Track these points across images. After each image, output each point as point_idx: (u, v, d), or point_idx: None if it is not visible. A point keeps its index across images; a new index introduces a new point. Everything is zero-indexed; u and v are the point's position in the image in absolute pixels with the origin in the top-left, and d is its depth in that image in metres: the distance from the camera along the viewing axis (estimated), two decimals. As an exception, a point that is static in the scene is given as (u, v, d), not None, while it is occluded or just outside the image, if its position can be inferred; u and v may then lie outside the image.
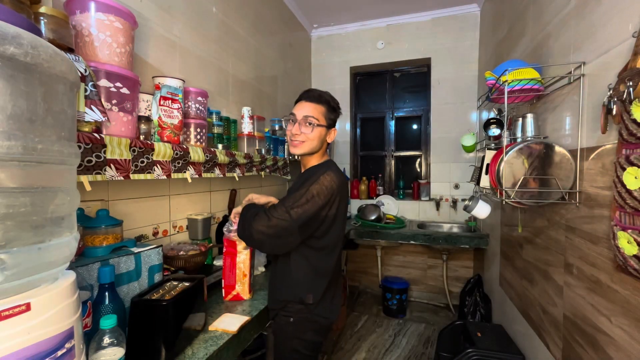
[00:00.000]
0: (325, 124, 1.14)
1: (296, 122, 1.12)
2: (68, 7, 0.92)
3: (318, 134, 1.12)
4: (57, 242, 0.52)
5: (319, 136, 1.13)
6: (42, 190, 0.49)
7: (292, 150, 1.15)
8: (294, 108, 1.16)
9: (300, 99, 1.16)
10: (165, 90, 1.14)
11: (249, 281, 1.26)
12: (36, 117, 0.48)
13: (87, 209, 1.06)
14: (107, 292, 0.81)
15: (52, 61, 0.49)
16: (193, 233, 1.53)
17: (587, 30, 1.15)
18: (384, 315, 2.88)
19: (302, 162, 1.22)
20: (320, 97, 1.14)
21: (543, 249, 1.49)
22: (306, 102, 1.13)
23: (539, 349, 1.53)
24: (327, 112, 1.14)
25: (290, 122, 1.15)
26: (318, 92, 1.15)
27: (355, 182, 3.34)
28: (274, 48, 2.52)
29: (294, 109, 1.15)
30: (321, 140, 1.14)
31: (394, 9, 2.90)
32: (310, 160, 1.18)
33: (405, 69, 3.30)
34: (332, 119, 1.17)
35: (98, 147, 0.85)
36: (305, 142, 1.12)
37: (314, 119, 1.11)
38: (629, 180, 0.83)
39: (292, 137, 1.13)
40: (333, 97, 1.19)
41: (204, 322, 1.02)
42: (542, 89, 1.41)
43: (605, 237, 1.02)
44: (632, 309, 0.90)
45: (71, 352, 0.53)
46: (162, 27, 1.41)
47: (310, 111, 1.11)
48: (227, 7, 1.89)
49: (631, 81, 0.84)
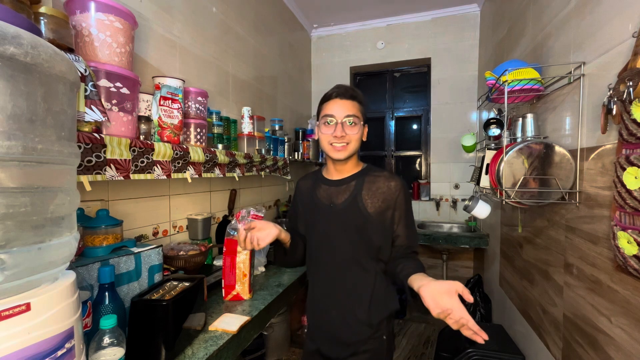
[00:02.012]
0: (364, 121, 1.05)
1: (337, 124, 1.01)
2: (68, 7, 0.92)
3: (360, 133, 1.04)
4: (57, 242, 0.52)
5: (360, 136, 1.04)
6: (42, 190, 0.49)
7: (335, 156, 1.03)
8: (326, 109, 1.04)
9: (332, 97, 1.04)
10: (165, 90, 1.14)
11: (249, 281, 1.26)
12: (36, 117, 0.48)
13: (87, 209, 1.06)
14: (107, 292, 0.81)
15: (52, 61, 0.49)
16: (193, 233, 1.53)
17: (587, 30, 1.15)
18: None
19: (337, 167, 1.08)
20: (354, 92, 1.04)
21: (543, 249, 1.49)
22: (342, 100, 1.02)
23: (539, 349, 1.53)
24: (362, 107, 1.05)
25: (326, 124, 1.03)
26: (350, 88, 1.05)
27: (355, 182, 3.33)
28: (274, 48, 2.52)
29: (328, 109, 1.03)
30: (361, 139, 1.06)
31: (394, 9, 2.90)
32: (350, 165, 1.08)
33: (405, 69, 3.30)
34: (365, 115, 1.08)
35: (98, 147, 0.85)
36: (350, 144, 1.02)
37: (357, 118, 1.01)
38: (629, 180, 0.83)
39: (333, 141, 1.02)
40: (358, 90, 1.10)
41: (204, 322, 1.02)
42: (542, 89, 1.41)
43: (605, 237, 1.01)
44: (632, 309, 0.90)
45: (71, 352, 0.53)
46: (162, 27, 1.41)
47: (350, 109, 1.01)
48: (227, 7, 1.89)
49: (631, 81, 0.84)
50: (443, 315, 0.76)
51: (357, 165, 1.11)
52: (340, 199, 1.06)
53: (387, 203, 1.03)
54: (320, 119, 1.05)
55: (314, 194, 1.12)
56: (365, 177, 1.07)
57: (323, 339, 1.09)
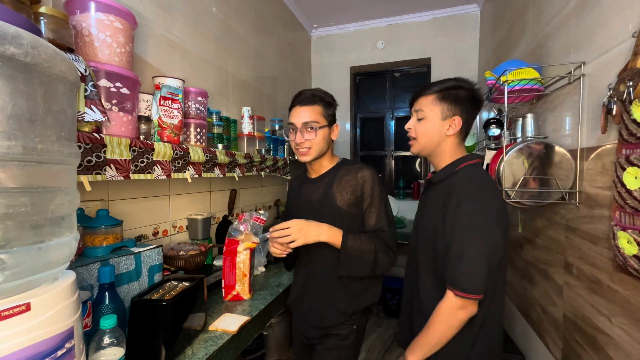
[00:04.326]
0: (326, 123, 1.11)
1: (297, 131, 1.09)
2: (68, 7, 0.92)
3: (322, 136, 1.09)
4: (57, 242, 0.52)
5: (323, 138, 1.10)
6: (42, 190, 0.49)
7: (301, 159, 1.12)
8: (290, 116, 1.12)
9: (293, 105, 1.12)
10: (165, 90, 1.14)
11: (249, 281, 1.26)
12: (36, 117, 0.48)
13: (87, 209, 1.06)
14: (107, 292, 0.81)
15: (52, 61, 0.49)
16: (193, 233, 1.53)
17: (587, 30, 1.15)
18: (384, 315, 2.88)
19: (312, 167, 1.18)
20: (313, 97, 1.10)
21: (543, 249, 1.49)
22: (300, 107, 1.09)
23: (539, 349, 1.53)
24: (324, 109, 1.10)
25: (291, 131, 1.11)
26: (309, 93, 1.11)
27: (355, 182, 3.33)
28: (274, 48, 2.52)
29: (291, 117, 1.12)
30: (327, 140, 1.12)
31: (394, 9, 2.90)
32: (322, 163, 1.15)
33: (405, 69, 3.30)
34: (331, 115, 1.13)
35: (98, 147, 0.85)
36: (312, 147, 1.09)
37: (314, 123, 1.08)
38: (629, 180, 0.83)
39: (297, 146, 1.10)
40: (326, 92, 1.14)
41: (204, 322, 1.02)
42: (542, 89, 1.41)
43: (605, 237, 1.01)
44: (632, 309, 0.90)
45: (71, 352, 0.53)
46: (162, 27, 1.41)
47: (307, 116, 1.08)
48: (227, 7, 1.89)
49: (631, 81, 0.84)
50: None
51: (331, 162, 1.17)
52: (316, 196, 1.14)
53: (355, 194, 1.08)
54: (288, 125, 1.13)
55: (300, 192, 1.20)
56: (337, 171, 1.13)
57: (301, 321, 1.19)
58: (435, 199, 0.98)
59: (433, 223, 0.96)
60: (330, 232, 1.03)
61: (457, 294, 0.84)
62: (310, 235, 1.01)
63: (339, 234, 1.03)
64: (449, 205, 0.90)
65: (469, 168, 0.97)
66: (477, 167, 0.99)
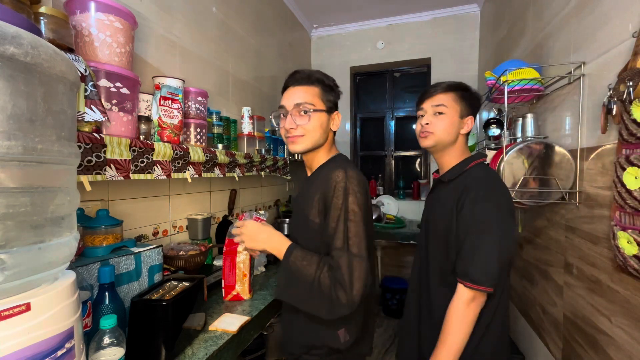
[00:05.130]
0: (324, 107, 0.90)
1: (288, 115, 0.88)
2: (68, 7, 0.92)
3: (318, 122, 0.88)
4: (57, 242, 0.52)
5: (319, 125, 0.89)
6: (42, 190, 0.49)
7: (291, 149, 0.91)
8: (282, 99, 0.93)
9: (287, 85, 0.92)
10: (165, 90, 1.14)
11: (249, 281, 1.26)
12: (36, 117, 0.48)
13: (87, 209, 1.06)
14: (107, 292, 0.81)
15: (52, 61, 0.49)
16: (193, 233, 1.53)
17: (587, 30, 1.15)
18: (384, 315, 2.88)
19: (307, 162, 0.98)
20: (310, 76, 0.90)
21: (543, 249, 1.49)
22: (293, 88, 0.90)
23: (539, 349, 1.53)
24: (323, 92, 0.90)
25: (282, 116, 0.91)
26: (306, 72, 0.91)
27: (355, 182, 3.33)
28: (274, 48, 2.52)
29: (282, 99, 0.92)
30: (324, 129, 0.90)
31: (394, 9, 2.90)
32: (317, 158, 0.94)
33: (405, 69, 3.30)
34: (332, 101, 0.92)
35: (98, 147, 0.85)
36: (305, 135, 0.88)
37: (309, 105, 0.87)
38: (629, 180, 0.83)
39: (287, 133, 0.89)
40: (326, 74, 0.93)
41: (204, 322, 1.02)
42: (542, 89, 1.41)
43: (605, 237, 1.01)
44: (632, 309, 0.90)
45: (71, 352, 0.52)
46: (162, 27, 1.41)
47: (301, 97, 0.88)
48: (227, 7, 1.89)
49: (631, 81, 0.84)
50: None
51: (328, 157, 0.95)
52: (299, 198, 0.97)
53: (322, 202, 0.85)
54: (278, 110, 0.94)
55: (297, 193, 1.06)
56: (322, 169, 0.92)
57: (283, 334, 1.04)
58: (447, 198, 0.98)
59: (445, 221, 0.95)
60: (274, 243, 0.85)
61: (467, 285, 0.84)
62: (257, 242, 0.87)
63: (284, 247, 0.84)
64: (464, 202, 0.90)
65: (480, 167, 0.98)
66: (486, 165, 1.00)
